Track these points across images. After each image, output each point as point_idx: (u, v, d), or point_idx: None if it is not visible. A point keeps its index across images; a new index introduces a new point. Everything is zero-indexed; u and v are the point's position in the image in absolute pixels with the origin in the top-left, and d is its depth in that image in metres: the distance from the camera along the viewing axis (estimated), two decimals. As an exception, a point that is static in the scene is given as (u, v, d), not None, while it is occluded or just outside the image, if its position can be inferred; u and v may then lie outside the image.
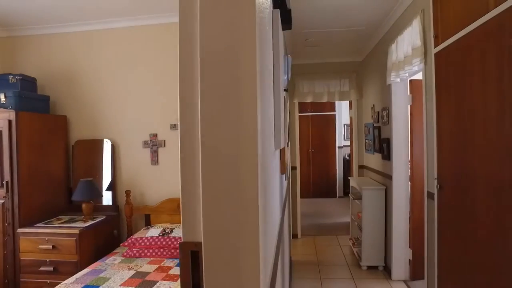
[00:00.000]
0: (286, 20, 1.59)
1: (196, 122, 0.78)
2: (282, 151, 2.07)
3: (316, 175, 8.07)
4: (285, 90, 1.72)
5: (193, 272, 0.82)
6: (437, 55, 2.48)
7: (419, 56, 2.74)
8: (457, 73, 2.21)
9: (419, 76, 3.26)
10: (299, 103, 6.77)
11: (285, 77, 1.74)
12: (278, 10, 1.39)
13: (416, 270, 3.55)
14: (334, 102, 7.94)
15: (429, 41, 2.61)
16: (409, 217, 3.61)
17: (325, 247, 4.83)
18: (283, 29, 1.62)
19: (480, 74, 1.93)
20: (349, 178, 4.82)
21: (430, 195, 2.65)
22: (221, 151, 0.76)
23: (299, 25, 3.82)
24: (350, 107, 5.69)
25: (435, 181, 2.51)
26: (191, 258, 0.82)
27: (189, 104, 0.79)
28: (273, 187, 1.40)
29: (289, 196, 4.05)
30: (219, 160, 0.76)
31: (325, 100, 5.12)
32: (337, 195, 8.02)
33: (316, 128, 8.09)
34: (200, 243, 0.79)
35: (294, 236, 5.24)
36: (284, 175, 2.59)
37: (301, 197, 7.78)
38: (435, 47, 2.50)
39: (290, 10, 1.58)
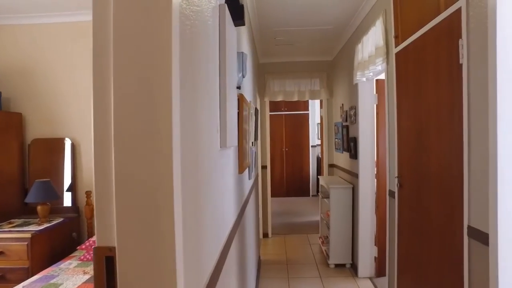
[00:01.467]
0: (239, 16, 1.55)
1: (109, 121, 0.72)
2: (240, 151, 2.03)
3: (290, 174, 8.10)
4: (238, 87, 1.67)
5: (109, 279, 0.76)
6: (397, 55, 2.50)
7: (381, 55, 2.76)
8: (414, 72, 2.23)
9: (384, 75, 3.30)
10: (273, 103, 6.79)
11: (240, 75, 1.69)
12: (226, 5, 1.34)
13: (381, 267, 3.60)
14: (308, 102, 7.99)
15: (391, 41, 2.64)
16: (375, 215, 3.65)
17: (295, 246, 4.84)
18: (236, 25, 1.57)
19: (434, 74, 1.95)
20: (318, 177, 4.83)
21: (392, 194, 2.68)
22: (134, 151, 0.71)
23: (268, 23, 3.79)
24: (321, 106, 5.72)
25: (396, 179, 2.53)
26: (106, 264, 0.76)
27: (101, 103, 0.73)
28: (220, 188, 1.35)
29: (257, 196, 4.01)
30: (131, 160, 0.71)
31: (295, 99, 5.12)
32: (310, 194, 8.08)
33: (290, 127, 8.11)
34: (114, 247, 0.74)
35: (265, 235, 5.22)
36: (246, 174, 2.55)
37: (275, 196, 7.82)
38: (395, 47, 2.53)
39: (242, 6, 1.53)
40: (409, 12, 2.32)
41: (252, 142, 3.22)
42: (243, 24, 1.63)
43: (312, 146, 8.14)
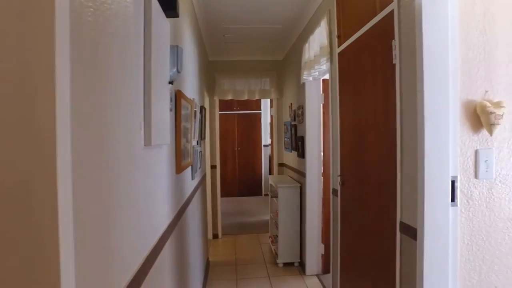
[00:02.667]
0: (170, 6, 1.45)
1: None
2: (178, 150, 1.93)
3: (242, 174, 8.07)
4: (170, 82, 1.58)
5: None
6: (340, 54, 2.54)
7: (325, 55, 2.80)
8: (354, 73, 2.28)
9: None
10: (225, 102, 6.71)
11: (174, 69, 1.60)
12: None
13: (327, 264, 3.66)
14: (260, 101, 8.01)
15: (334, 41, 2.68)
16: (322, 213, 3.71)
17: (245, 246, 4.80)
18: (168, 16, 1.48)
19: (372, 74, 2.00)
20: (268, 176, 4.84)
21: (335, 192, 2.72)
22: None
23: (215, 20, 3.70)
24: (271, 106, 5.75)
25: (339, 178, 2.57)
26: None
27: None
28: (146, 189, 1.25)
29: (204, 196, 3.91)
30: None
31: (245, 98, 5.09)
32: (263, 193, 8.10)
33: (242, 126, 8.08)
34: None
35: (215, 236, 5.13)
36: (187, 174, 2.45)
37: (227, 195, 7.76)
38: (338, 46, 2.56)
39: (175, -4, 1.44)
40: (351, 12, 2.37)
41: (197, 141, 3.12)
42: (176, 16, 1.54)
43: (264, 146, 8.17)
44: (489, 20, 1.53)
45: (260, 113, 8.15)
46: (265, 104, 8.18)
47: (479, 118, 1.51)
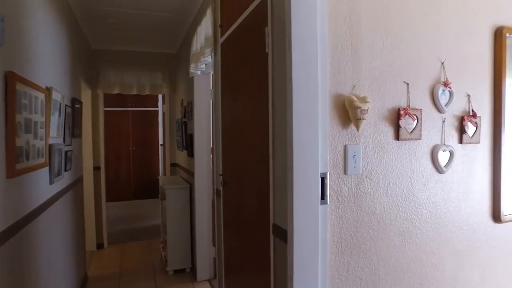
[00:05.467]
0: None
1: None
2: (10, 148, 1.51)
3: (137, 175, 7.47)
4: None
5: None
6: (222, 45, 2.38)
7: (210, 46, 2.61)
8: (234, 64, 2.13)
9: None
10: (118, 97, 6.09)
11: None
12: None
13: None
14: (158, 97, 7.51)
15: (218, 30, 2.51)
16: (212, 214, 3.54)
17: (134, 255, 4.36)
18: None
19: (248, 65, 1.87)
20: (158, 177, 4.47)
21: (218, 192, 2.56)
22: None
23: (94, 1, 3.22)
24: (163, 102, 5.39)
25: (221, 177, 2.41)
26: None
27: None
28: None
29: (80, 202, 3.38)
30: None
31: (134, 92, 4.63)
32: (160, 196, 7.62)
33: (138, 124, 7.48)
34: None
35: (100, 246, 4.56)
36: (37, 179, 2.00)
37: (119, 199, 7.09)
38: (221, 36, 2.40)
39: None
40: (232, 1, 2.22)
41: (64, 139, 2.64)
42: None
43: (161, 145, 7.68)
44: (355, 17, 1.52)
45: (158, 110, 7.64)
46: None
47: (348, 112, 1.48)
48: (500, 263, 1.95)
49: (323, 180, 1.40)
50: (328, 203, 1.44)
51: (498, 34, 1.88)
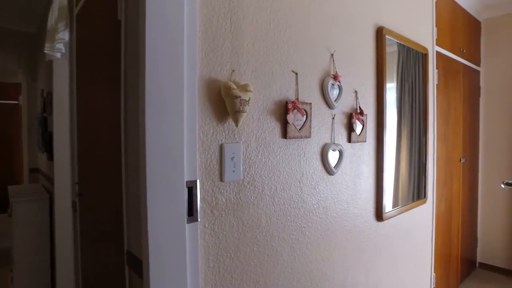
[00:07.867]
0: None
1: None
2: None
3: (-7, 184, 6.06)
4: None
5: None
6: (78, 17, 1.86)
7: (64, 19, 2.05)
8: (90, 43, 1.65)
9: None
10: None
11: None
12: None
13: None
14: (21, 86, 6.21)
15: None
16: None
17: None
18: None
19: (103, 41, 1.42)
20: (8, 187, 3.55)
21: (74, 205, 2.02)
22: None
23: None
24: (20, 93, 4.42)
25: (76, 186, 1.89)
26: None
27: None
28: None
29: None
30: None
31: (-25, 78, 3.62)
32: (8, 211, 6.33)
33: (-6, 121, 6.06)
34: None
35: None
36: None
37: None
38: (76, 6, 1.87)
39: None
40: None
41: None
42: None
43: (28, 146, 6.41)
44: (236, -16, 1.22)
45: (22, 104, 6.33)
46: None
47: (225, 102, 1.17)
48: (380, 259, 1.94)
49: (190, 190, 1.06)
50: (199, 219, 1.10)
51: (379, 34, 1.83)
